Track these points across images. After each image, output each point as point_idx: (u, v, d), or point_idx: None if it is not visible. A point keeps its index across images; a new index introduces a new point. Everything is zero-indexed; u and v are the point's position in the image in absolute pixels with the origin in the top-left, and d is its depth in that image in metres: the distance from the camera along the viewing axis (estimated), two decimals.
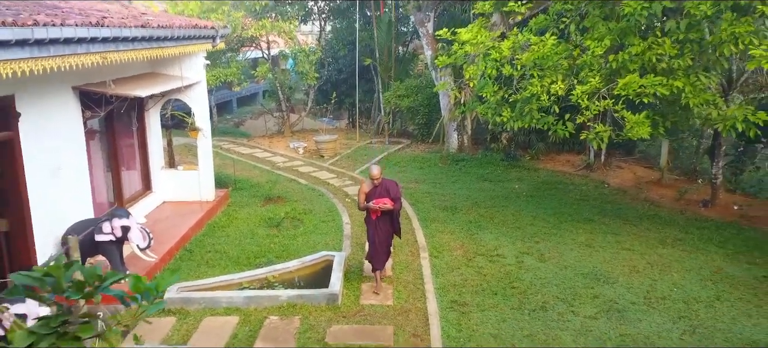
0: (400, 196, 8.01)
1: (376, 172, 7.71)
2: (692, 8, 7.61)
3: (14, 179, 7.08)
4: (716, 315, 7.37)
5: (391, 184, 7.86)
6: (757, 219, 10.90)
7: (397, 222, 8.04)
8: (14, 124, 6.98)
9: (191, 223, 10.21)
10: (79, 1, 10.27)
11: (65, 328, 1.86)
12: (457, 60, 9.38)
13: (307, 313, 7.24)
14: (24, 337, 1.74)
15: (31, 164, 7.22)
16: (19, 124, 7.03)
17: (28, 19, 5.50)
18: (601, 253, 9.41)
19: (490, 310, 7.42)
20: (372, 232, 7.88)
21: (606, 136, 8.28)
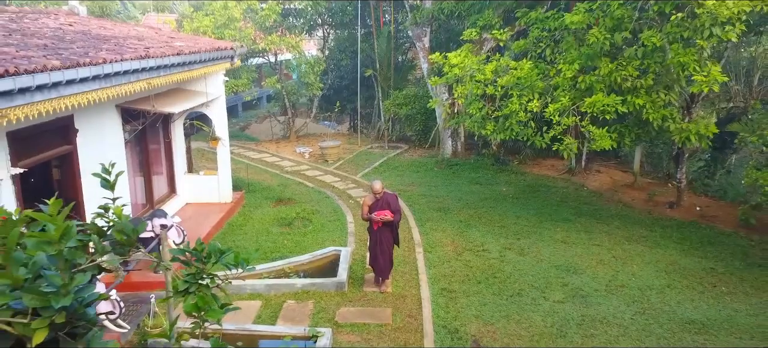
0: (400, 208, 8.80)
1: (378, 187, 8.48)
2: (646, 40, 8.95)
3: (73, 184, 8.43)
4: (665, 300, 8.72)
5: (391, 197, 8.66)
6: (714, 218, 12.24)
7: (397, 231, 8.80)
8: (73, 139, 8.34)
9: (213, 223, 11.55)
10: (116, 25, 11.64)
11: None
12: (448, 80, 10.73)
13: (319, 298, 8.58)
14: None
15: (86, 171, 8.56)
16: (77, 138, 8.39)
17: (99, 58, 6.84)
18: (573, 248, 10.75)
19: (474, 296, 8.76)
20: (374, 241, 8.64)
21: (574, 147, 9.62)
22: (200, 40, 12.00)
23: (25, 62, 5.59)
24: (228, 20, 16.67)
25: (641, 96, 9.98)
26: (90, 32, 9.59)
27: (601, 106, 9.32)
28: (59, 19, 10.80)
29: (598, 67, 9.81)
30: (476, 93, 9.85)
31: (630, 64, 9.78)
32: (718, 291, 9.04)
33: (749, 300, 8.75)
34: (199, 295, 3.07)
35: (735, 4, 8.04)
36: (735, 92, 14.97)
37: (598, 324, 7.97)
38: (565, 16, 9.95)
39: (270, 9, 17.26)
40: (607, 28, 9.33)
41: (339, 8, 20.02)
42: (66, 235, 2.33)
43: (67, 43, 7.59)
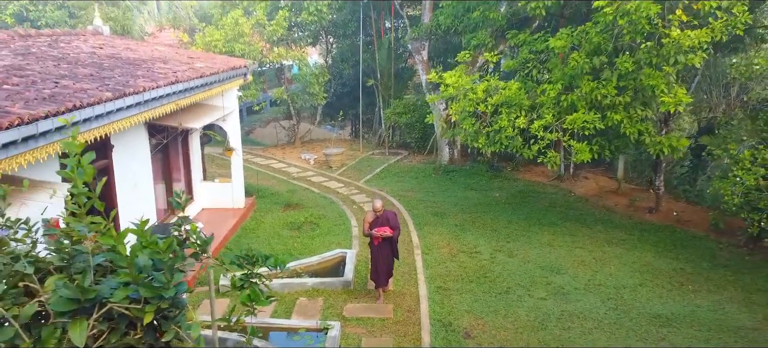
0: (399, 225, 9.40)
1: (379, 206, 9.15)
2: (620, 64, 9.99)
3: (109, 195, 9.46)
4: (636, 297, 9.77)
5: (390, 214, 9.31)
6: (689, 223, 13.29)
7: (396, 246, 9.39)
8: (110, 154, 9.38)
9: (229, 227, 12.60)
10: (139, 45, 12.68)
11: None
12: (444, 97, 11.77)
13: (327, 295, 9.62)
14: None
15: (119, 182, 9.61)
16: (113, 154, 9.43)
17: (139, 86, 7.89)
18: (558, 250, 11.79)
19: (467, 294, 9.81)
20: (375, 255, 9.25)
21: (557, 160, 10.67)
22: (216, 59, 13.05)
23: (84, 96, 6.63)
24: (238, 35, 17.70)
25: (619, 112, 11.03)
26: (120, 56, 10.63)
27: (581, 122, 10.36)
28: (89, 41, 11.84)
29: (579, 86, 10.85)
30: (469, 110, 10.90)
31: (609, 84, 10.83)
32: (684, 289, 10.08)
33: (711, 297, 9.79)
34: (251, 290, 4.13)
35: (696, 34, 9.08)
36: (715, 104, 16.03)
37: (575, 318, 9.01)
38: (550, 39, 11.00)
39: (277, 24, 18.30)
40: (586, 52, 10.37)
41: (341, 21, 21.05)
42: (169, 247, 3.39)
43: (108, 71, 8.63)
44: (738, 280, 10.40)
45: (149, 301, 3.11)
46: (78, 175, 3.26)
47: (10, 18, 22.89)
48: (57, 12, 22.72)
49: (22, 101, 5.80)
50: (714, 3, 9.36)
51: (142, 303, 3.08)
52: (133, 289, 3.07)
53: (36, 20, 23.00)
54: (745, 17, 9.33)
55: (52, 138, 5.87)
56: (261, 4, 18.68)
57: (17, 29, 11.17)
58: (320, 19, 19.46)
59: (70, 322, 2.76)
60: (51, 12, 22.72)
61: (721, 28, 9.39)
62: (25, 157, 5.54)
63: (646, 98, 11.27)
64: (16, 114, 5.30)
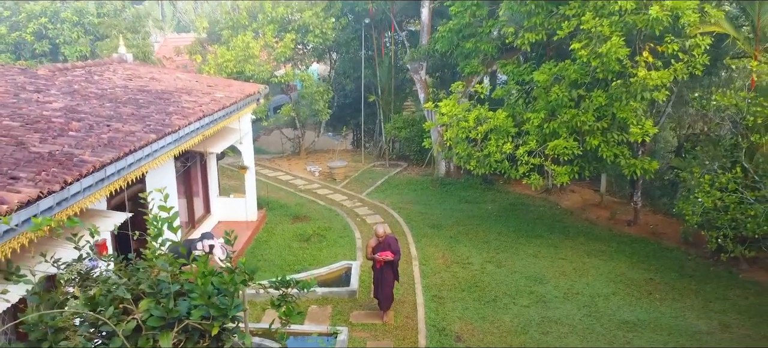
0: (399, 249, 10.19)
1: (381, 232, 9.99)
2: (595, 98, 11.26)
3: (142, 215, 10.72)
4: (609, 305, 11.04)
5: (392, 239, 10.11)
6: (663, 235, 14.56)
7: (397, 268, 10.19)
8: (144, 179, 10.64)
9: (244, 239, 13.87)
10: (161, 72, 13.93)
11: None
12: (439, 124, 13.04)
13: (335, 303, 10.89)
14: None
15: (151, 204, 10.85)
16: (145, 179, 10.70)
17: (175, 125, 9.15)
18: (542, 261, 13.06)
19: (459, 301, 11.08)
20: (377, 277, 10.09)
21: (540, 182, 11.95)
22: (232, 86, 14.31)
23: (134, 139, 7.89)
24: (248, 56, 18.95)
25: (597, 137, 12.30)
26: (149, 88, 11.89)
27: (561, 148, 11.64)
28: (118, 72, 13.11)
29: (561, 114, 12.12)
30: (462, 136, 12.16)
31: (588, 112, 12.10)
32: (652, 298, 11.35)
33: (675, 304, 11.07)
34: (287, 306, 5.42)
35: (659, 75, 10.36)
36: (693, 120, 17.28)
37: (553, 324, 10.29)
38: (535, 73, 12.27)
39: (285, 46, 19.56)
40: (566, 85, 11.64)
41: (344, 40, 22.31)
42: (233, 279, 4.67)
43: (144, 108, 9.89)
44: (700, 289, 11.68)
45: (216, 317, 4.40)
46: (157, 224, 4.60)
47: (30, 36, 24.15)
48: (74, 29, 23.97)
49: (90, 148, 7.06)
50: (675, 47, 10.64)
51: (210, 319, 4.37)
52: (205, 309, 4.37)
53: (54, 38, 24.26)
54: (703, 60, 10.61)
55: (113, 179, 7.14)
56: (269, 26, 19.94)
57: (57, 65, 12.41)
58: (325, 40, 20.72)
59: (160, 334, 4.06)
60: (68, 31, 23.96)
61: (683, 68, 10.66)
62: (94, 197, 6.81)
63: (621, 124, 12.55)
64: (91, 162, 6.56)
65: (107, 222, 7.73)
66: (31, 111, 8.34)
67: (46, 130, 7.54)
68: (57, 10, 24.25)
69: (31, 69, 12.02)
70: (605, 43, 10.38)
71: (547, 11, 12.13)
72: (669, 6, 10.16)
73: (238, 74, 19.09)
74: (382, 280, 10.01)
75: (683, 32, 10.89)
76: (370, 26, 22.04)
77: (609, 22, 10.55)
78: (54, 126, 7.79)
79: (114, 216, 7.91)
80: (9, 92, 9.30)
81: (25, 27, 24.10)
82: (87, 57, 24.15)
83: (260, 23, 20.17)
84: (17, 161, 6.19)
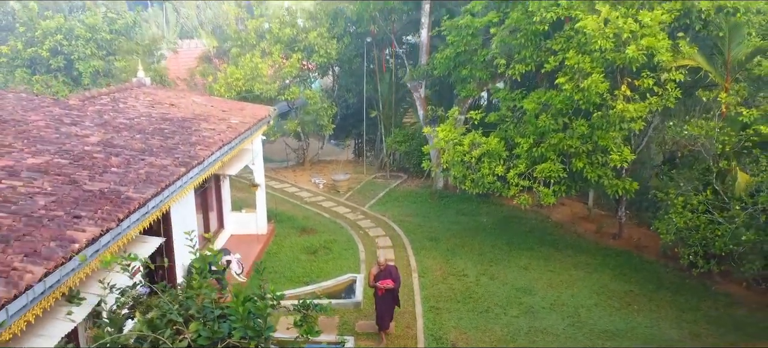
0: (399, 277, 11.05)
1: (382, 261, 10.98)
2: (578, 127, 12.34)
3: (168, 236, 11.80)
4: (591, 315, 12.13)
5: (392, 268, 11.03)
6: (645, 248, 15.64)
7: (397, 295, 10.98)
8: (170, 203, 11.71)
9: (256, 252, 14.95)
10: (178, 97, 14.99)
11: None
12: (437, 146, 14.16)
13: (342, 313, 11.98)
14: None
15: (174, 221, 11.93)
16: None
17: (200, 156, 10.22)
18: (532, 273, 14.14)
19: (454, 312, 12.17)
20: (379, 303, 10.80)
21: (529, 201, 13.03)
22: (245, 109, 15.39)
23: (167, 173, 8.97)
24: (257, 75, 20.02)
25: (582, 159, 13.38)
26: (170, 116, 12.96)
27: (548, 171, 12.72)
28: (140, 98, 14.18)
29: (548, 139, 13.20)
30: (457, 159, 13.25)
31: (574, 136, 13.18)
32: (631, 308, 12.44)
33: (651, 315, 12.16)
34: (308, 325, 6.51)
35: (635, 108, 11.44)
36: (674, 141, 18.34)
37: (539, 333, 11.38)
38: (524, 101, 13.36)
39: (291, 66, 20.65)
40: (552, 113, 12.72)
41: (347, 57, 23.39)
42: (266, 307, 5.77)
43: (170, 139, 10.97)
44: (675, 300, 12.77)
45: (252, 337, 5.50)
46: (203, 271, 5.75)
47: (46, 52, 25.17)
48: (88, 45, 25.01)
49: (132, 185, 8.14)
50: (651, 82, 11.73)
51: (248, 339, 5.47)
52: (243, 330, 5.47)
53: (69, 54, 25.29)
54: (675, 93, 11.70)
55: (153, 211, 8.22)
56: (276, 46, 21.02)
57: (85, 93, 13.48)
58: (329, 60, 21.81)
59: None
60: (82, 47, 24.99)
61: (657, 101, 11.75)
62: (138, 228, 7.89)
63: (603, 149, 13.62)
64: (136, 199, 7.65)
65: (145, 247, 8.83)
66: (74, 147, 9.41)
67: (92, 166, 8.61)
68: (72, 27, 25.29)
69: (62, 99, 13.10)
70: (587, 79, 11.46)
71: (535, 45, 13.22)
72: (644, 45, 11.24)
73: (247, 92, 20.17)
74: (383, 306, 10.81)
75: (659, 67, 11.96)
76: (372, 44, 23.11)
77: (590, 58, 11.63)
78: (97, 162, 8.86)
79: (150, 241, 9.00)
80: (50, 126, 10.37)
81: (42, 44, 25.14)
82: (99, 72, 25.26)
83: (268, 43, 21.24)
84: (76, 200, 7.27)
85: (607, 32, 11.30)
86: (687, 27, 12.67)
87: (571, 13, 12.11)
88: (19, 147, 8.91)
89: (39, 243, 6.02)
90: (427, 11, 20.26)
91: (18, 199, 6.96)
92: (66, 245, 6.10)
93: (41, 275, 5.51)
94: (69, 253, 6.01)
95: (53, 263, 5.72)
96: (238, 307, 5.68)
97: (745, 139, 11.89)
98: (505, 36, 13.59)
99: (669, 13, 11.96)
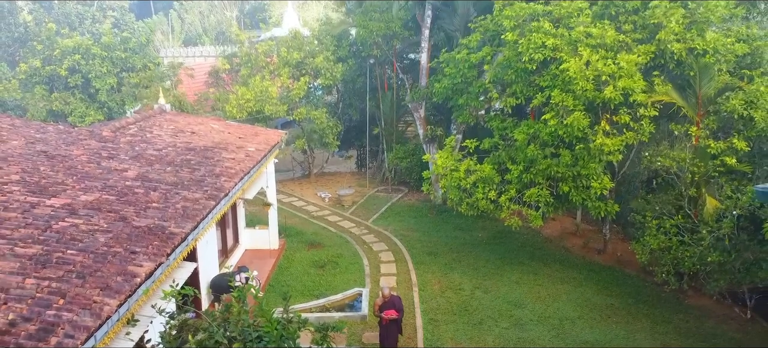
0: (403, 307, 11.89)
1: (387, 293, 11.53)
2: (563, 158, 13.68)
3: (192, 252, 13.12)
4: (574, 327, 13.46)
5: (396, 299, 11.72)
6: (627, 263, 16.96)
7: (400, 324, 11.80)
8: None
9: (269, 266, 16.29)
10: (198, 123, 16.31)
11: None
12: (435, 172, 15.49)
13: (350, 325, 13.29)
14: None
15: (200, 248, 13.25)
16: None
17: (226, 188, 11.55)
18: (523, 287, 15.46)
19: (451, 324, 13.51)
20: (383, 332, 11.58)
21: (518, 223, 14.39)
22: (259, 135, 16.72)
23: (200, 207, 10.30)
24: (266, 98, 21.36)
25: (568, 183, 14.70)
26: (193, 145, 14.29)
27: (536, 196, 14.06)
28: (163, 127, 15.50)
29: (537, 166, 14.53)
30: (454, 184, 14.60)
31: (561, 163, 14.50)
32: (610, 321, 13.77)
33: (628, 327, 13.49)
34: (326, 344, 7.86)
35: (612, 142, 12.79)
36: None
37: (527, 344, 12.72)
38: (515, 131, 14.71)
39: (299, 88, 22.01)
40: (539, 144, 14.06)
41: (350, 77, 24.75)
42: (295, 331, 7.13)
43: (197, 171, 12.28)
44: (651, 313, 14.10)
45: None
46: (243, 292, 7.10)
47: (64, 71, 26.46)
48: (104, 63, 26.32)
49: (173, 220, 9.47)
50: (627, 118, 13.08)
51: None
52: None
53: (87, 73, 26.58)
54: (649, 128, 13.05)
55: (190, 242, 9.55)
56: (285, 69, 22.37)
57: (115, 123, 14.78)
58: (334, 81, 23.16)
59: None
60: (99, 65, 26.28)
61: (633, 136, 13.10)
62: (179, 259, 9.21)
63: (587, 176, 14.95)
64: (178, 234, 8.98)
65: (182, 272, 10.16)
66: (116, 182, 10.74)
67: (136, 202, 9.94)
68: (89, 47, 26.61)
69: (95, 127, 14.43)
70: (570, 116, 12.79)
71: (525, 80, 14.56)
72: (621, 86, 12.58)
73: (258, 113, 21.50)
74: (387, 335, 11.69)
75: (635, 103, 13.29)
76: (374, 64, 24.45)
77: (573, 96, 12.96)
78: (139, 198, 10.19)
79: (186, 266, 10.32)
80: (92, 161, 11.71)
81: (60, 63, 26.45)
82: (114, 87, 26.64)
83: (277, 66, 22.59)
84: (129, 236, 8.60)
85: (588, 74, 12.63)
86: (662, 66, 13.99)
87: (556, 55, 13.44)
88: (70, 184, 10.24)
89: (108, 278, 7.35)
90: (427, 36, 21.61)
91: (83, 237, 8.28)
92: (130, 279, 7.44)
93: (116, 306, 6.84)
94: (133, 286, 7.34)
95: (124, 295, 7.05)
96: (272, 329, 7.08)
97: (712, 169, 13.23)
98: (498, 71, 14.93)
99: (644, 55, 13.31)
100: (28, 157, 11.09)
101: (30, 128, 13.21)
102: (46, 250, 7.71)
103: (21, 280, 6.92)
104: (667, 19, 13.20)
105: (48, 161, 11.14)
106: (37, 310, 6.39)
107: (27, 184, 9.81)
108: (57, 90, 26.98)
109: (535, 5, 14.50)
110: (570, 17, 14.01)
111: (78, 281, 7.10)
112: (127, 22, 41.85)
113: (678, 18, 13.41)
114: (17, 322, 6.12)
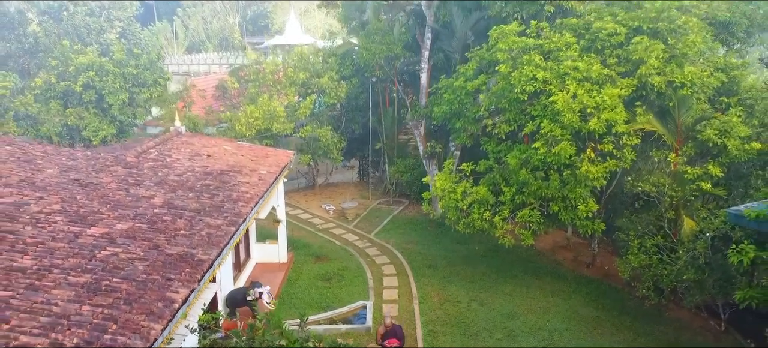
0: (404, 335, 12.42)
1: (389, 322, 12.17)
2: (552, 181, 14.84)
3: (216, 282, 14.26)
4: (562, 338, 14.61)
5: (398, 328, 12.31)
6: (614, 277, 18.08)
7: None
8: None
9: (280, 279, 17.44)
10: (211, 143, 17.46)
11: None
12: (434, 193, 16.64)
13: (355, 337, 14.44)
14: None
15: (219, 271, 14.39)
16: None
17: (244, 213, 12.70)
18: (515, 299, 16.61)
19: (449, 335, 14.66)
20: None
21: (511, 242, 15.54)
22: (270, 156, 17.87)
23: (222, 233, 11.45)
24: (274, 116, 22.52)
25: (558, 204, 15.85)
26: (210, 171, 15.43)
27: (527, 217, 15.21)
28: (181, 150, 16.65)
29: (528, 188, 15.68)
30: (452, 205, 15.76)
31: (551, 185, 15.64)
32: (596, 332, 14.93)
33: (612, 338, 14.64)
34: None
35: (596, 170, 13.95)
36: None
37: None
38: (508, 156, 15.86)
39: (305, 107, 23.18)
40: (530, 169, 15.22)
41: (353, 94, 25.93)
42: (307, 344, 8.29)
43: (216, 196, 13.43)
44: (633, 324, 15.25)
45: None
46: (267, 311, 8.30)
47: (79, 87, 27.59)
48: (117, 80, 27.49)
49: (200, 247, 10.62)
50: (610, 147, 14.24)
51: None
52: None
53: (101, 89, 27.71)
54: (631, 156, 14.22)
55: (215, 266, 10.70)
56: (291, 88, 23.54)
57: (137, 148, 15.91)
58: (338, 100, 24.34)
59: None
60: (112, 81, 27.42)
61: (616, 163, 14.27)
62: (205, 284, 10.36)
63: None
64: (206, 261, 10.13)
65: (207, 293, 11.32)
66: (146, 210, 11.88)
67: (165, 230, 11.09)
68: (102, 64, 27.76)
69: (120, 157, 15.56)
70: (558, 145, 13.95)
71: (517, 109, 15.72)
72: (604, 118, 13.74)
73: (266, 130, 22.65)
74: None
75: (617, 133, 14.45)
76: (377, 82, 25.62)
77: (560, 126, 14.11)
78: (168, 225, 11.34)
79: (211, 287, 11.48)
80: (121, 189, 12.85)
81: (75, 79, 27.59)
82: (126, 102, 27.82)
83: (284, 85, 23.77)
84: (164, 264, 9.75)
85: (574, 107, 13.78)
86: (644, 97, 15.14)
87: (545, 88, 14.59)
88: (105, 212, 11.39)
89: (151, 304, 8.50)
90: (427, 57, 22.78)
91: (124, 265, 9.44)
92: (169, 305, 8.59)
93: (160, 330, 7.99)
94: (172, 311, 8.49)
95: (166, 320, 8.20)
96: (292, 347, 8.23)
97: (690, 193, 14.38)
98: (492, 99, 16.09)
99: (627, 88, 14.47)
100: (64, 187, 12.23)
101: (61, 156, 14.34)
102: (94, 278, 8.86)
103: (78, 307, 8.07)
104: (647, 56, 14.34)
105: (82, 190, 12.28)
106: (96, 334, 7.54)
107: (67, 214, 10.96)
108: (71, 105, 28.13)
109: (527, 39, 15.65)
110: (559, 51, 15.15)
111: (126, 308, 8.25)
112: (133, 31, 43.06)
113: (658, 53, 14.56)
114: (81, 346, 7.27)
